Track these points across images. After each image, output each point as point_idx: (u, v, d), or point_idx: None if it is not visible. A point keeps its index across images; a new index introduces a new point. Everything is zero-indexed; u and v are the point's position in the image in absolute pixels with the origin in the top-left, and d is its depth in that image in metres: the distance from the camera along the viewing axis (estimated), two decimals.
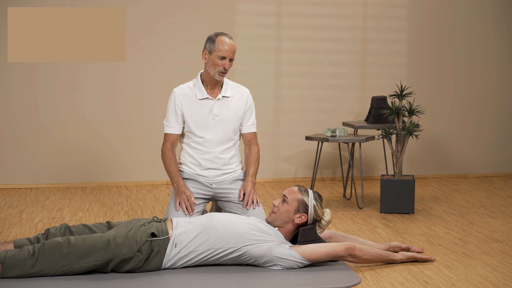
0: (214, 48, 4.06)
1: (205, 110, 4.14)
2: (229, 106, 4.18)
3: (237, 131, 4.24)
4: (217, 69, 4.07)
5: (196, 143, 4.17)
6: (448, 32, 6.59)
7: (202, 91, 4.15)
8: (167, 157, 4.17)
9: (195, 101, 4.15)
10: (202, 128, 4.14)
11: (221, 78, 4.10)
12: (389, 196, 5.04)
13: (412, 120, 5.15)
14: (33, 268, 3.35)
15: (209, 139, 4.15)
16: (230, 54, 4.06)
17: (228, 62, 4.07)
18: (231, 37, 4.10)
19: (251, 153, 4.26)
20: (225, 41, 4.06)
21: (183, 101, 4.15)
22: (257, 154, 4.26)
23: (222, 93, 4.17)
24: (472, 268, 3.69)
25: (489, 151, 6.75)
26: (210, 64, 4.09)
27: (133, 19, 6.03)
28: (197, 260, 3.55)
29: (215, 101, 4.15)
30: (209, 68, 4.10)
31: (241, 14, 6.24)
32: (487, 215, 5.00)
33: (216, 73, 4.08)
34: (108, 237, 3.44)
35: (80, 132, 6.10)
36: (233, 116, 4.18)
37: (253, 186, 4.15)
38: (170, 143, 4.19)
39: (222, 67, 4.05)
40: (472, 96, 6.68)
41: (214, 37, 4.08)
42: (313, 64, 6.42)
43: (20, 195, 5.76)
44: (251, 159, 4.24)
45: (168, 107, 4.19)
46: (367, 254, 3.60)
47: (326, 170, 6.56)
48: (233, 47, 4.07)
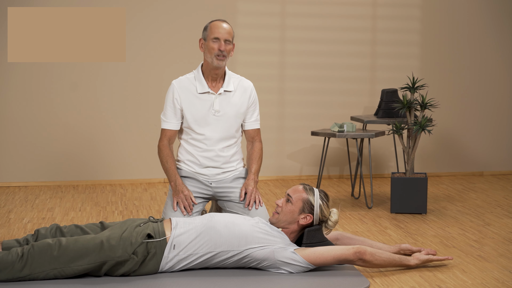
0: (207, 33, 4.09)
1: (206, 105, 4.12)
2: (231, 102, 4.15)
3: (239, 128, 4.23)
4: (213, 53, 4.05)
5: (195, 140, 4.16)
6: (463, 21, 6.57)
7: (202, 84, 4.13)
8: (164, 153, 4.16)
9: (195, 95, 4.13)
10: (202, 124, 4.12)
11: (220, 64, 4.05)
12: (400, 195, 5.04)
13: (424, 114, 5.14)
14: (22, 271, 3.35)
15: (209, 136, 4.13)
16: (224, 35, 4.05)
17: (224, 43, 4.04)
18: (227, 22, 4.12)
19: (253, 150, 4.25)
20: (218, 24, 4.08)
21: (182, 95, 4.13)
22: (260, 152, 4.26)
23: (224, 87, 4.14)
24: (488, 271, 3.68)
25: (507, 148, 6.74)
26: (207, 51, 4.08)
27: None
28: (196, 263, 3.54)
29: (216, 95, 4.12)
30: (206, 56, 4.09)
31: (243, 1, 6.23)
32: (505, 216, 4.99)
33: (213, 58, 4.05)
34: (102, 238, 3.43)
35: (72, 128, 6.10)
36: (235, 112, 4.16)
37: (255, 185, 4.14)
38: (167, 139, 4.18)
39: (218, 50, 4.03)
40: (489, 89, 6.67)
41: (208, 24, 4.11)
42: (320, 54, 6.41)
43: (8, 193, 5.77)
44: (253, 157, 4.23)
45: (166, 100, 4.17)
46: (379, 259, 3.57)
47: (333, 167, 6.55)
48: (227, 29, 4.07)
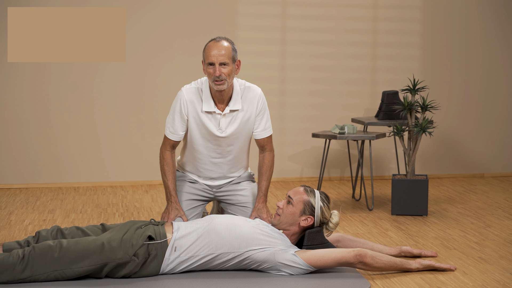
0: (204, 56, 3.84)
1: (211, 124, 3.93)
2: (238, 120, 3.96)
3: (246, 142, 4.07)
4: (211, 78, 3.82)
5: (198, 153, 4.04)
6: (464, 23, 6.57)
7: (209, 103, 3.90)
8: (166, 168, 4.01)
9: (201, 112, 3.93)
10: (206, 146, 3.99)
11: (220, 88, 3.81)
12: (400, 197, 5.04)
13: (425, 116, 5.15)
14: (23, 273, 3.36)
15: (214, 155, 4.03)
16: (219, 59, 3.77)
17: (220, 67, 3.79)
18: (226, 39, 3.86)
19: (264, 162, 4.09)
20: (212, 46, 3.81)
21: (190, 108, 3.93)
22: (270, 163, 4.09)
23: (231, 105, 3.92)
24: (489, 273, 3.69)
25: (508, 149, 6.75)
26: (207, 75, 3.86)
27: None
28: (197, 265, 3.54)
29: (222, 115, 3.92)
30: (208, 79, 3.88)
31: (244, 3, 6.24)
32: (505, 217, 5.00)
33: (212, 83, 3.83)
34: (103, 240, 3.44)
35: (72, 130, 6.11)
36: (242, 130, 3.97)
37: (265, 205, 4.05)
38: (171, 146, 4.03)
39: (214, 75, 3.79)
40: (490, 91, 6.67)
41: (206, 44, 3.86)
42: (320, 56, 6.42)
43: (9, 195, 5.78)
44: (263, 171, 4.08)
45: (175, 110, 3.96)
46: (379, 262, 3.56)
47: (334, 169, 6.56)
48: (222, 51, 3.79)
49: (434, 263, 3.70)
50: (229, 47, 3.84)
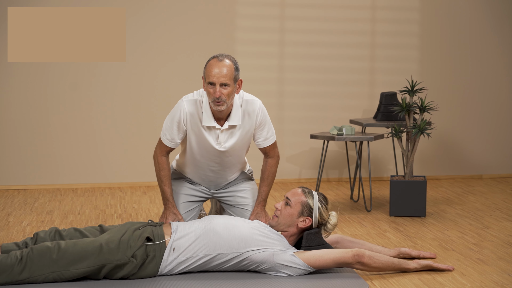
0: (205, 74, 3.74)
1: (210, 138, 3.89)
2: (236, 135, 3.92)
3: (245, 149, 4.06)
4: (211, 98, 3.73)
5: (197, 161, 4.02)
6: (462, 24, 6.58)
7: (209, 117, 3.84)
8: (162, 173, 3.99)
9: (200, 125, 3.88)
10: (205, 156, 3.96)
11: (219, 108, 3.73)
12: (399, 198, 5.05)
13: (423, 117, 5.15)
14: (21, 274, 3.36)
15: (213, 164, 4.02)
16: (220, 79, 3.67)
17: (220, 88, 3.69)
18: (228, 56, 3.76)
19: (266, 168, 4.10)
20: (214, 64, 3.70)
21: (189, 120, 3.87)
22: (273, 169, 4.10)
23: (230, 121, 3.86)
24: (488, 274, 3.69)
25: (506, 151, 6.75)
26: (207, 93, 3.77)
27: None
28: (196, 266, 3.55)
29: (221, 131, 3.88)
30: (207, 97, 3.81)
31: (242, 4, 6.24)
32: (504, 219, 5.00)
33: (211, 102, 3.74)
34: (101, 241, 3.44)
35: (71, 131, 6.11)
36: (241, 142, 3.95)
37: (264, 210, 4.07)
38: (167, 151, 4.00)
39: (213, 96, 3.71)
40: (488, 92, 6.68)
41: (207, 61, 3.76)
42: (319, 58, 6.43)
43: (7, 197, 5.77)
44: (265, 176, 4.09)
45: (173, 119, 3.89)
46: (377, 262, 3.57)
47: (332, 170, 6.56)
48: (223, 69, 3.68)
49: (432, 263, 3.72)
50: (231, 66, 3.74)
